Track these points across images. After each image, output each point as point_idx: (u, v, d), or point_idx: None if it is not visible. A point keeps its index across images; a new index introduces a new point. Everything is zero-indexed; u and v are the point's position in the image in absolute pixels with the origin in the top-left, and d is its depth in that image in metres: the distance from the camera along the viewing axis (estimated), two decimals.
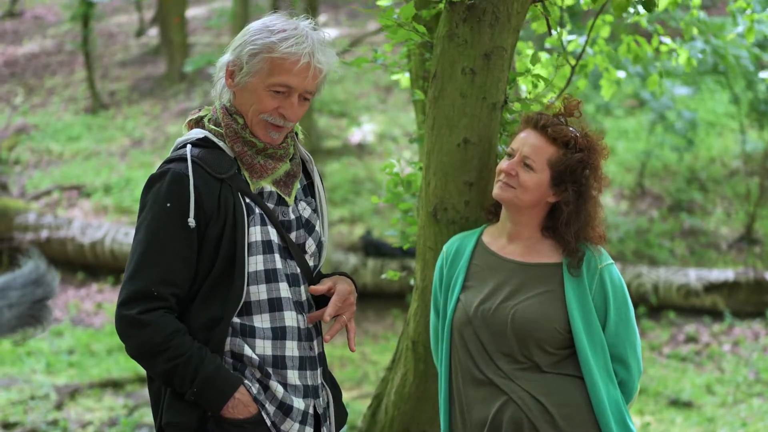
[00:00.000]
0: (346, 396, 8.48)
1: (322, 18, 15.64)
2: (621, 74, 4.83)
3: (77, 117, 16.07)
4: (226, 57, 3.03)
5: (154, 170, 3.08)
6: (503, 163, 3.31)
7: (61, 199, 13.31)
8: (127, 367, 9.24)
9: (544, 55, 4.51)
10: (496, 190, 3.31)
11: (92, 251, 11.73)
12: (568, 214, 3.27)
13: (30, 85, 17.40)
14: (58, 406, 8.28)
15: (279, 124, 3.00)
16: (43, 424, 7.87)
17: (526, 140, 3.29)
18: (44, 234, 11.79)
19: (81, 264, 11.81)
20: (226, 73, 3.02)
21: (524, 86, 4.09)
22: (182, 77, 16.68)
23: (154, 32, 19.24)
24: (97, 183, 13.54)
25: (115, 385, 8.86)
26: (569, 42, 4.77)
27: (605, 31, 4.70)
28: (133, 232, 12.36)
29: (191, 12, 18.55)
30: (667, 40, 4.73)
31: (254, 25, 3.01)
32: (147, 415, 8.02)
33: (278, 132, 3.01)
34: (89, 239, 11.74)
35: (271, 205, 3.04)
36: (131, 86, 17.12)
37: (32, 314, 4.93)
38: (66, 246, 11.80)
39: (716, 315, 10.26)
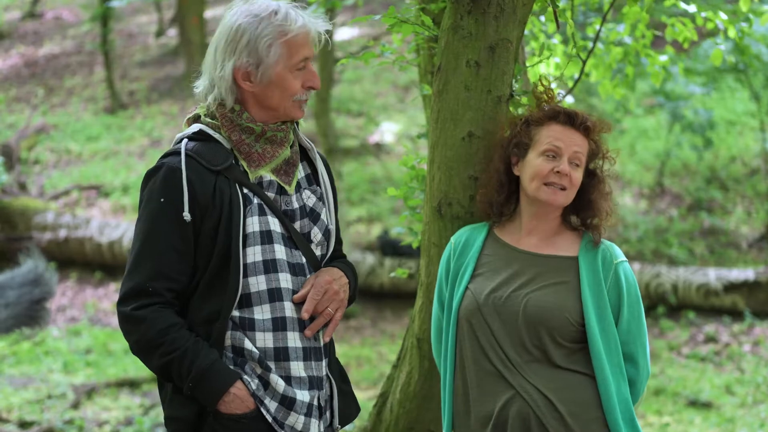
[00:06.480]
0: (361, 396, 8.44)
1: (340, 18, 15.60)
2: (663, 58, 4.75)
3: (96, 117, 16.13)
4: (228, 66, 2.96)
5: None
6: (548, 165, 3.21)
7: (80, 198, 13.35)
8: (144, 366, 9.23)
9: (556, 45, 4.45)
10: (548, 195, 3.21)
11: (110, 251, 11.75)
12: (590, 189, 3.27)
13: (50, 86, 17.47)
14: (75, 405, 8.28)
15: (307, 98, 3.04)
16: (59, 423, 7.87)
17: (571, 139, 3.23)
18: (62, 233, 11.82)
19: (99, 263, 11.84)
20: (237, 79, 2.97)
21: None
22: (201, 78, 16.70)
23: (173, 33, 19.28)
24: (115, 183, 13.58)
25: (131, 385, 8.87)
26: (611, 32, 4.72)
27: (645, 17, 4.60)
28: None
29: (210, 12, 18.55)
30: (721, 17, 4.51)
31: (236, 22, 2.96)
32: (163, 415, 8.03)
33: (306, 104, 3.06)
34: (107, 239, 11.77)
35: (271, 195, 3.01)
36: (150, 86, 17.16)
37: (30, 314, 4.84)
38: (84, 245, 11.83)
39: (736, 315, 10.17)
